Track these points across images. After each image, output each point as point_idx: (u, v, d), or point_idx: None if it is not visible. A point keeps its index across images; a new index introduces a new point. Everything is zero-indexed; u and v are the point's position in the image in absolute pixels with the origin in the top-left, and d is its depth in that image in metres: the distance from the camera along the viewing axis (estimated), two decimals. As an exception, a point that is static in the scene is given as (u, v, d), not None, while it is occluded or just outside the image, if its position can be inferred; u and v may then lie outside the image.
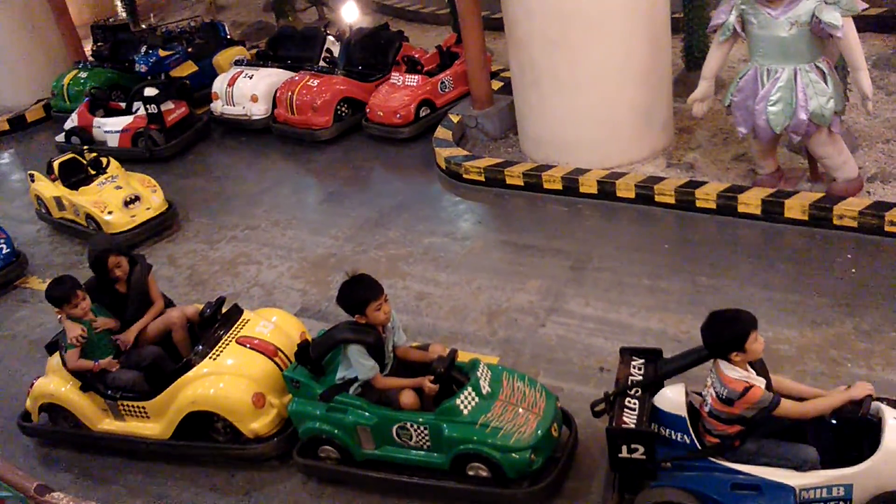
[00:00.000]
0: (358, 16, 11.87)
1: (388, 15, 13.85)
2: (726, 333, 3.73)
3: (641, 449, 3.87)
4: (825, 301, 5.63)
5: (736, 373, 3.73)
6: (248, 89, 10.24)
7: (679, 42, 8.78)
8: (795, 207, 6.44)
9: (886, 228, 6.12)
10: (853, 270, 5.91)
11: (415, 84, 9.42)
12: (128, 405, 5.23)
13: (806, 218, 6.42)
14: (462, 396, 4.40)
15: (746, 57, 6.61)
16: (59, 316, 5.23)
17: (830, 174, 6.58)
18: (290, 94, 9.76)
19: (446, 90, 9.63)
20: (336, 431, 4.65)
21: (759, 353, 3.76)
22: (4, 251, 7.74)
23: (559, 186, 7.53)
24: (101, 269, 5.39)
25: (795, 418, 3.76)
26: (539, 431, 4.35)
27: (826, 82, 6.12)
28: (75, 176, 8.43)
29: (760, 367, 3.83)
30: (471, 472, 4.43)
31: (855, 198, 6.41)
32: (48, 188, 8.45)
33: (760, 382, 3.75)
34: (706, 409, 3.87)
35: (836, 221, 6.30)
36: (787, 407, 3.72)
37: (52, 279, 5.33)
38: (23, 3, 12.49)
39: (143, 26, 14.72)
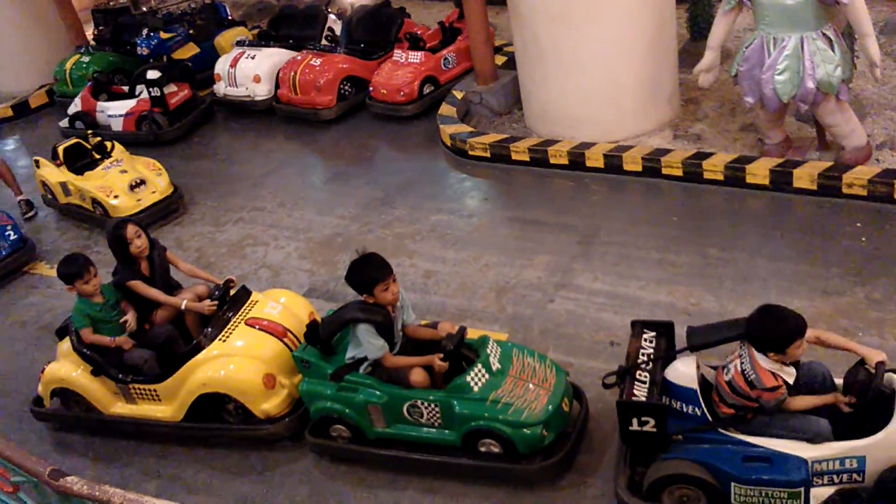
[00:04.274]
0: (359, -7, 11.78)
1: (389, -8, 13.72)
2: (770, 333, 3.69)
3: (652, 422, 3.87)
4: (835, 271, 5.60)
5: (769, 364, 3.70)
6: (250, 70, 10.18)
7: (684, 12, 8.69)
8: (804, 177, 6.38)
9: (896, 196, 6.08)
10: (863, 239, 5.87)
11: (418, 61, 9.35)
12: (139, 388, 5.25)
13: (815, 187, 6.37)
14: (472, 373, 4.40)
15: (752, 26, 6.53)
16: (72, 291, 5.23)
17: (839, 143, 6.52)
18: (292, 73, 9.71)
19: (449, 66, 9.56)
20: (347, 410, 4.66)
21: (798, 357, 3.73)
22: (12, 237, 7.75)
23: (565, 161, 7.49)
24: (120, 242, 5.33)
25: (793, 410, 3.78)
26: (550, 407, 4.35)
27: (833, 50, 6.05)
28: (80, 161, 8.41)
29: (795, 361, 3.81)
30: (482, 449, 4.44)
31: (864, 166, 6.35)
32: (53, 174, 8.44)
33: (790, 374, 3.73)
34: (727, 378, 3.85)
35: (845, 190, 6.25)
36: (786, 404, 3.75)
37: (64, 257, 5.34)
38: (23, -12, 12.43)
39: (144, 9, 14.59)
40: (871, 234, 5.91)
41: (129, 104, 10.06)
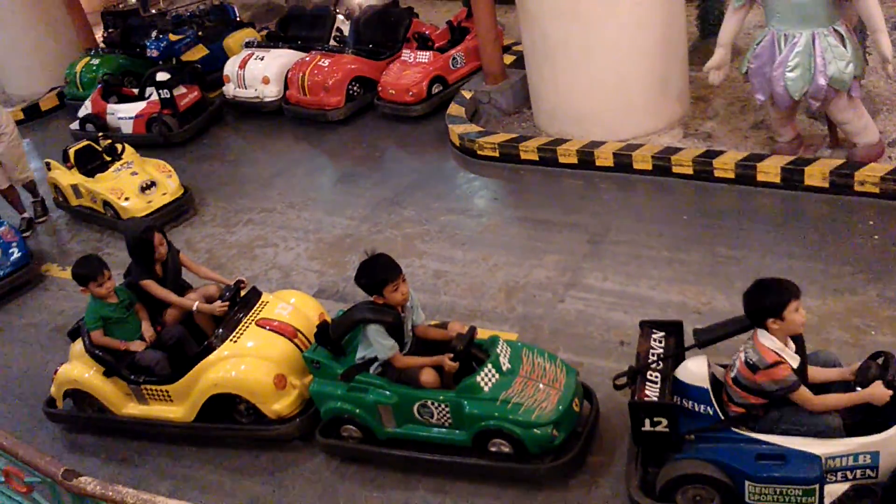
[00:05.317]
0: (367, -7, 11.78)
1: (397, -8, 13.72)
2: (765, 299, 3.69)
3: (664, 422, 3.86)
4: (847, 269, 5.57)
5: (772, 342, 3.69)
6: (259, 71, 10.20)
7: (693, 10, 8.65)
8: (816, 174, 6.35)
9: (909, 193, 6.04)
10: (876, 237, 5.83)
11: (426, 61, 9.35)
12: (151, 389, 5.27)
13: (826, 185, 6.33)
14: (482, 373, 4.39)
15: (763, 23, 6.50)
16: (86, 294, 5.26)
17: (851, 140, 6.48)
18: (301, 74, 9.73)
19: (458, 66, 9.56)
20: (357, 411, 4.67)
21: (799, 325, 3.70)
22: (15, 255, 7.55)
23: (575, 160, 7.47)
24: (146, 248, 5.36)
25: (808, 408, 3.72)
26: (560, 406, 4.34)
27: (845, 46, 6.01)
28: (91, 163, 8.44)
29: (800, 347, 3.79)
30: (493, 449, 4.44)
31: (876, 163, 6.31)
32: (65, 176, 8.48)
33: (794, 360, 3.70)
34: (732, 374, 3.84)
35: (857, 188, 6.21)
36: (804, 395, 3.69)
37: (79, 258, 5.37)
38: (33, -8, 12.48)
39: (153, 11, 14.67)
40: (884, 231, 5.87)
41: (139, 106, 10.10)
